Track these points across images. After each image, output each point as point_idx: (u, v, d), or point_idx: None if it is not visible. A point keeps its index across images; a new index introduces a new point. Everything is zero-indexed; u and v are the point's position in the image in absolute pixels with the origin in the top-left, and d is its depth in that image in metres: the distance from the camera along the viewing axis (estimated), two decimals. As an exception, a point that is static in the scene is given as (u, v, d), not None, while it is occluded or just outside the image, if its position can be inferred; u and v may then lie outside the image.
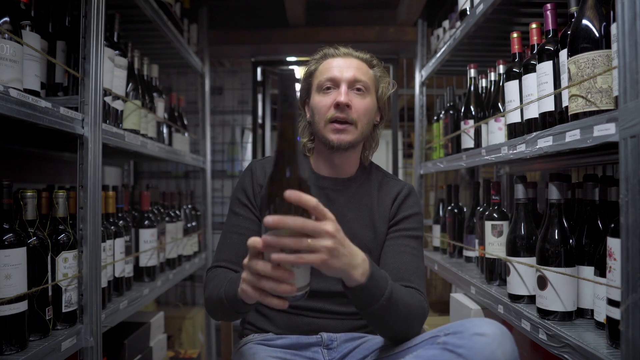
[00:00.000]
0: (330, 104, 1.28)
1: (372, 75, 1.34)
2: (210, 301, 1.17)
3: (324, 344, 1.26)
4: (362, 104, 1.29)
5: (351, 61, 1.32)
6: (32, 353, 1.12)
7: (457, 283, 2.03)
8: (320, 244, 0.84)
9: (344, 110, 1.26)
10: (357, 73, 1.29)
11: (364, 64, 1.33)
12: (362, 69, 1.32)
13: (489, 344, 0.94)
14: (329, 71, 1.30)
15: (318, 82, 1.32)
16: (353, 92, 1.29)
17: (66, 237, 1.33)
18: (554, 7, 1.38)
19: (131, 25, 2.05)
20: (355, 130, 1.28)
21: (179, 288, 3.31)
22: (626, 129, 0.90)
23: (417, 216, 1.34)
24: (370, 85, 1.31)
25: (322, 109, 1.29)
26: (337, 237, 0.86)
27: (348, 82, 1.28)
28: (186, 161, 2.60)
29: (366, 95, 1.30)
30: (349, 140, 1.28)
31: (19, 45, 1.14)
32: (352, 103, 1.27)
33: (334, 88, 1.29)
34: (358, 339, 1.28)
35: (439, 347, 0.99)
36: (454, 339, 0.98)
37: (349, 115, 1.27)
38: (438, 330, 1.03)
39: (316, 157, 1.38)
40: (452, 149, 2.30)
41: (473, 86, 2.09)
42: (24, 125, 1.20)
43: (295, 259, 0.82)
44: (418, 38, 2.96)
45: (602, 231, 1.26)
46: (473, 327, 0.97)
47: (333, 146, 1.28)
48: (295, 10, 2.99)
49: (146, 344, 2.19)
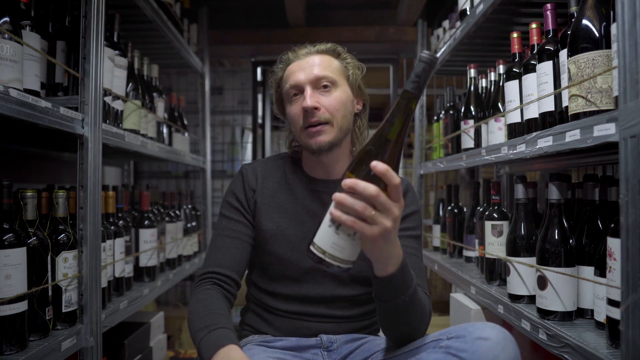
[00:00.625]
0: (299, 112, 1.24)
1: (338, 65, 1.28)
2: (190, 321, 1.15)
3: (324, 346, 1.26)
4: (332, 100, 1.24)
5: (311, 59, 1.27)
6: (32, 353, 1.12)
7: (457, 283, 2.03)
8: (381, 220, 0.85)
9: (313, 115, 1.22)
10: (318, 70, 1.24)
11: (326, 56, 1.28)
12: (323, 63, 1.26)
13: (492, 348, 0.94)
14: (291, 78, 1.26)
15: (285, 92, 1.28)
16: (319, 91, 1.24)
17: (66, 237, 1.33)
18: (554, 7, 1.38)
19: (131, 25, 2.05)
20: (331, 129, 1.24)
21: (179, 288, 3.31)
22: (626, 129, 0.90)
23: (416, 214, 1.32)
24: (336, 77, 1.26)
25: (295, 118, 1.26)
26: (396, 223, 0.88)
27: (311, 82, 1.24)
28: (186, 161, 2.60)
29: (334, 89, 1.25)
30: (328, 140, 1.24)
31: (19, 45, 1.14)
32: (320, 103, 1.23)
33: (299, 94, 1.25)
34: (358, 340, 1.26)
35: (442, 351, 0.99)
36: (457, 342, 0.98)
37: (320, 117, 1.23)
38: (440, 334, 1.03)
39: (307, 161, 1.35)
40: (452, 149, 2.30)
41: (473, 86, 2.09)
42: (24, 125, 1.20)
43: (352, 223, 0.84)
44: (418, 38, 2.96)
45: (602, 231, 1.26)
46: (476, 331, 0.97)
47: (314, 150, 1.25)
48: (295, 10, 2.99)
49: (146, 344, 2.19)
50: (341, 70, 1.28)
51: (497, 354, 0.93)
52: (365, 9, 3.33)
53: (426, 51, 0.86)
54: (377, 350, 1.19)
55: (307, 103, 1.21)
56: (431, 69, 0.86)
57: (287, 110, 1.29)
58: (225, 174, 3.47)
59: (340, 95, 1.25)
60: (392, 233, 0.89)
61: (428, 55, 0.85)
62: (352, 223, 0.84)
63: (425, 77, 0.86)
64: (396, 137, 0.86)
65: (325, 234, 0.87)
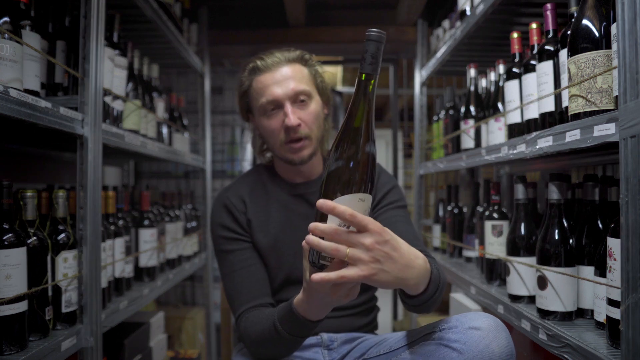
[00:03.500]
0: (280, 127, 1.23)
1: (308, 74, 1.28)
2: (258, 340, 1.11)
3: (324, 345, 1.26)
4: (309, 114, 1.24)
5: (284, 70, 1.24)
6: (32, 353, 1.12)
7: (457, 283, 2.03)
8: (357, 256, 0.79)
9: (296, 131, 1.22)
10: (294, 84, 1.23)
11: (296, 65, 1.26)
12: (297, 75, 1.25)
13: (484, 337, 0.94)
14: (266, 92, 1.23)
15: (259, 105, 1.25)
16: (297, 105, 1.24)
17: (66, 237, 1.33)
18: (554, 7, 1.38)
19: (131, 25, 2.05)
20: (311, 142, 1.25)
21: (179, 288, 3.30)
22: (626, 129, 0.90)
23: (395, 189, 1.33)
24: (310, 89, 1.26)
25: (274, 133, 1.24)
26: (378, 250, 0.80)
27: (289, 98, 1.22)
28: (186, 161, 2.60)
29: (310, 102, 1.25)
30: (309, 153, 1.25)
31: (19, 45, 1.14)
32: (301, 119, 1.22)
33: (277, 109, 1.24)
34: (357, 340, 1.28)
35: (434, 343, 0.99)
36: (449, 333, 0.98)
37: (302, 132, 1.23)
38: (434, 326, 1.04)
39: (284, 170, 1.35)
40: (452, 149, 2.30)
41: (473, 86, 2.09)
42: (24, 125, 1.20)
43: (336, 277, 0.78)
44: (418, 38, 2.96)
45: (602, 231, 1.26)
46: (468, 321, 0.98)
47: (295, 164, 1.26)
48: (295, 10, 2.99)
49: (146, 344, 2.19)
50: (312, 80, 1.28)
51: (488, 343, 0.94)
52: (365, 9, 3.33)
53: (373, 29, 0.84)
54: (372, 345, 1.20)
55: (292, 122, 1.21)
56: (382, 46, 0.85)
57: (264, 123, 1.26)
58: (225, 174, 3.47)
59: (315, 107, 1.26)
60: (386, 261, 0.81)
61: (377, 33, 0.83)
62: (337, 277, 0.78)
63: (380, 56, 0.85)
64: (365, 125, 0.84)
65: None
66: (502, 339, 0.95)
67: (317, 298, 0.91)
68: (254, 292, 1.21)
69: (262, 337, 1.10)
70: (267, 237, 1.29)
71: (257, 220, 1.30)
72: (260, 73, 1.26)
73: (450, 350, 0.95)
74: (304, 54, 1.30)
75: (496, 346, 0.94)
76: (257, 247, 1.29)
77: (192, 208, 2.79)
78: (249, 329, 1.15)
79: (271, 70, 1.25)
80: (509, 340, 0.97)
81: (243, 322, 1.18)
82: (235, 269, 1.25)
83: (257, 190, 1.35)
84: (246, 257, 1.26)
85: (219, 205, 1.33)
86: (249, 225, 1.30)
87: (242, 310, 1.20)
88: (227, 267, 1.27)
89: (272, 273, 1.30)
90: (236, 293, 1.22)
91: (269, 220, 1.31)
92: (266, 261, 1.30)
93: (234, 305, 1.22)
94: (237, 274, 1.24)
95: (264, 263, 1.30)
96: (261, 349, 1.13)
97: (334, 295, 0.87)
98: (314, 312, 0.96)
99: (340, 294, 0.87)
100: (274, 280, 1.30)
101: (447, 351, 0.96)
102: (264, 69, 1.25)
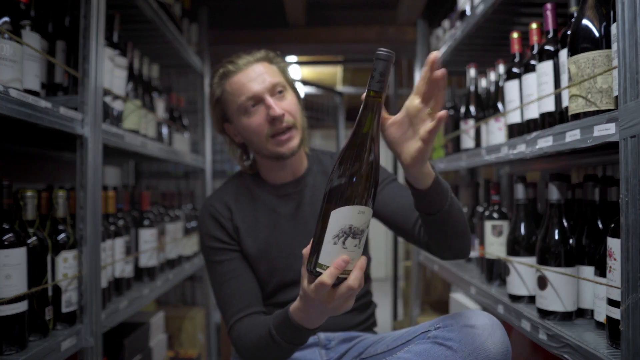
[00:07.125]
0: (263, 121, 1.23)
1: (277, 70, 1.30)
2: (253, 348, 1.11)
3: (322, 344, 1.26)
4: (290, 104, 1.26)
5: (257, 67, 1.27)
6: (32, 353, 1.12)
7: (457, 283, 2.03)
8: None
9: (282, 121, 1.23)
10: (270, 77, 1.25)
11: (265, 63, 1.29)
12: (269, 70, 1.27)
13: (479, 335, 0.94)
14: (244, 89, 1.24)
15: (237, 106, 1.25)
16: (276, 97, 1.25)
17: (66, 237, 1.33)
18: (554, 7, 1.38)
19: (131, 25, 2.05)
20: (297, 131, 1.26)
21: (179, 288, 3.30)
22: (626, 129, 0.90)
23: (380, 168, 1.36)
24: (284, 81, 1.28)
25: (258, 129, 1.24)
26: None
27: (268, 91, 1.24)
28: (186, 161, 2.60)
29: (287, 92, 1.27)
30: (297, 143, 1.26)
31: (19, 45, 1.14)
32: (284, 109, 1.24)
33: (257, 104, 1.24)
34: (354, 339, 1.28)
35: (429, 342, 0.99)
36: (444, 332, 0.98)
37: (288, 121, 1.24)
38: (430, 324, 1.04)
39: (268, 171, 1.34)
40: (452, 149, 2.30)
41: (473, 86, 2.09)
42: (24, 125, 1.20)
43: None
44: (418, 38, 2.96)
45: (602, 231, 1.26)
46: (463, 320, 0.98)
47: (285, 157, 1.25)
48: (295, 10, 2.99)
49: (146, 344, 2.19)
50: (282, 74, 1.30)
51: (483, 341, 0.94)
52: (365, 9, 3.33)
53: (383, 48, 0.86)
54: (369, 344, 1.20)
55: (276, 111, 1.21)
56: (391, 65, 0.87)
57: (245, 123, 1.26)
58: (225, 174, 3.46)
59: (292, 97, 1.29)
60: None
61: (387, 52, 0.86)
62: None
63: (388, 74, 0.87)
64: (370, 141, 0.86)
65: (332, 251, 0.84)
66: (498, 337, 0.95)
67: (314, 306, 0.91)
68: (245, 302, 1.21)
69: (257, 345, 1.10)
70: (257, 241, 1.29)
71: (245, 225, 1.30)
72: (233, 75, 1.27)
73: (445, 349, 0.95)
74: (269, 52, 1.33)
75: (491, 344, 0.94)
76: (247, 252, 1.28)
77: (192, 208, 2.79)
78: (243, 337, 1.15)
79: (243, 70, 1.27)
80: (505, 338, 0.96)
81: (236, 330, 1.18)
82: (225, 280, 1.25)
83: (242, 195, 1.34)
84: (235, 267, 1.26)
85: (205, 214, 1.32)
86: (237, 231, 1.29)
87: (234, 320, 1.20)
88: (217, 277, 1.27)
89: (264, 277, 1.29)
90: (227, 303, 1.22)
91: (257, 225, 1.30)
92: (258, 266, 1.29)
93: (226, 315, 1.23)
94: (227, 285, 1.24)
95: (256, 268, 1.29)
96: (256, 356, 1.13)
97: (330, 304, 0.87)
98: (310, 320, 0.96)
99: (336, 302, 0.88)
100: (268, 284, 1.29)
101: (442, 349, 0.96)
102: (236, 70, 1.27)
